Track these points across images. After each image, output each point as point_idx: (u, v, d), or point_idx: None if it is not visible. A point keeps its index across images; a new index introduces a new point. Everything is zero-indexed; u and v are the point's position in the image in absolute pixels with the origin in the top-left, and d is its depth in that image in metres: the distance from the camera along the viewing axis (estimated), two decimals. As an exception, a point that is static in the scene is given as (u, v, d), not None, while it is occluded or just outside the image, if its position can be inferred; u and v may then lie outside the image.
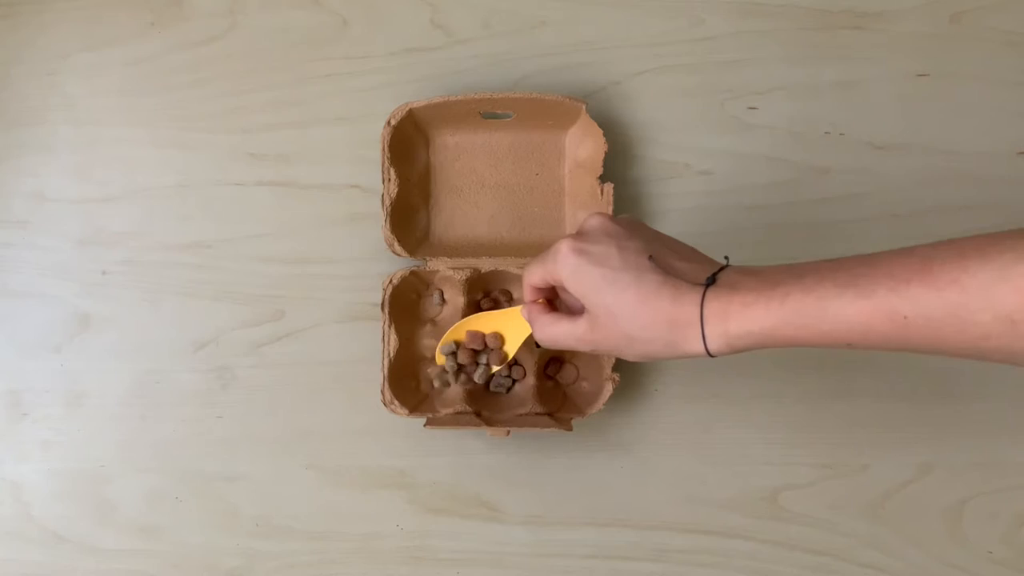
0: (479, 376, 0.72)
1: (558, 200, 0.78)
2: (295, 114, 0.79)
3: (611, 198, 0.74)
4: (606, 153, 0.74)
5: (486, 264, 0.76)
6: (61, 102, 0.80)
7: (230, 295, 0.79)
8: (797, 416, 0.77)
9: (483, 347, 0.71)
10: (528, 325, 0.64)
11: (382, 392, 0.74)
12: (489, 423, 0.73)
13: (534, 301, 0.63)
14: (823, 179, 0.78)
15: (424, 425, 0.74)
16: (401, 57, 0.79)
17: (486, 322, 0.71)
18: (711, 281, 0.55)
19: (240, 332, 0.79)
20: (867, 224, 0.78)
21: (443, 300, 0.78)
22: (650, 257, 0.56)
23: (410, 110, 0.74)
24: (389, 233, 0.75)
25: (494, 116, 0.76)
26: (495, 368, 0.72)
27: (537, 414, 0.74)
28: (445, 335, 0.72)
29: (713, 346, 0.54)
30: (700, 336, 0.54)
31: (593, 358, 0.76)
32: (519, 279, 0.76)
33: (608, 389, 0.74)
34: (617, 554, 0.78)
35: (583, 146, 0.76)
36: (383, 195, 0.75)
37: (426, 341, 0.77)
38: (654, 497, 0.78)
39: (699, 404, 0.78)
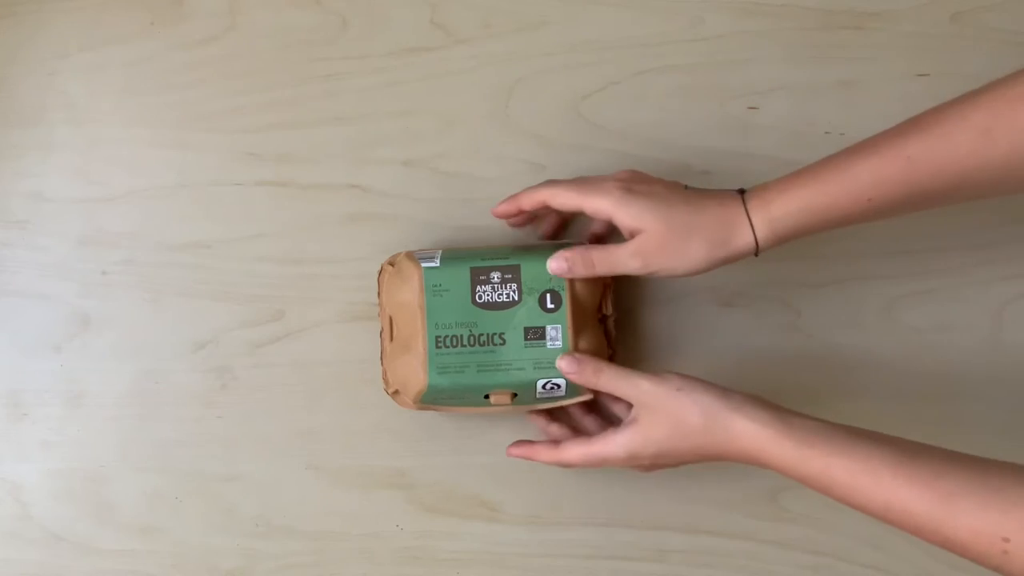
0: None
1: None
2: (295, 114, 0.79)
3: (611, 198, 0.73)
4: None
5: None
6: (61, 102, 0.80)
7: (230, 295, 0.79)
8: (797, 416, 0.77)
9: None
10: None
11: (384, 380, 0.74)
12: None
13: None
14: (823, 179, 0.78)
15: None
16: (401, 57, 0.79)
17: None
18: (742, 191, 0.66)
19: (240, 332, 0.79)
20: (867, 224, 0.78)
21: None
22: (685, 186, 0.68)
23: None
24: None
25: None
26: None
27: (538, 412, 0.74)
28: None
29: (761, 233, 0.64)
30: (748, 225, 0.64)
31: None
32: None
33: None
34: (617, 554, 0.78)
35: None
36: (381, 332, 0.74)
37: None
38: (654, 497, 0.78)
39: (699, 404, 0.77)
